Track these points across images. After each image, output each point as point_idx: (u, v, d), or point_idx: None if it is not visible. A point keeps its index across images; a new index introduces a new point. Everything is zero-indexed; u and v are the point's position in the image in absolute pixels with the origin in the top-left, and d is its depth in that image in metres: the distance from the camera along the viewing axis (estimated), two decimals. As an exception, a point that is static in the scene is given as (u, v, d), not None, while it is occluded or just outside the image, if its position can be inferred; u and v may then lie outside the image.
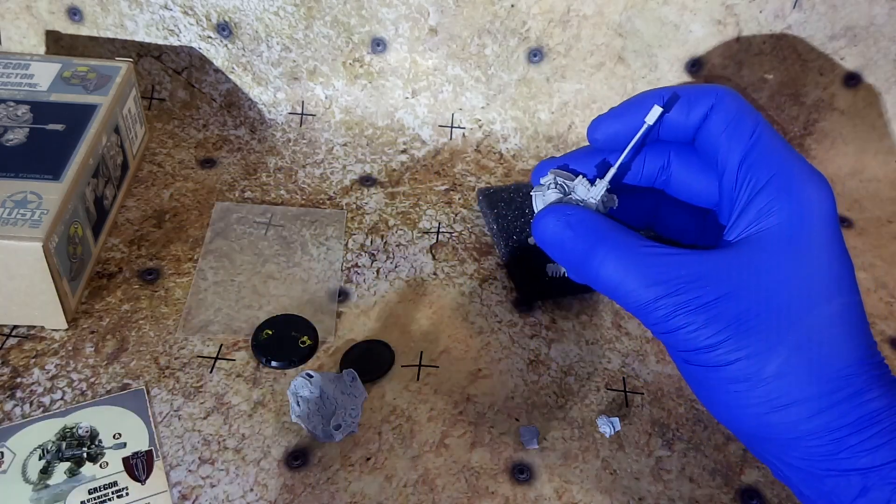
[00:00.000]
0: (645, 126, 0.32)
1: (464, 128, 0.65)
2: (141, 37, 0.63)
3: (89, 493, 0.41)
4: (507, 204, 0.58)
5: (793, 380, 0.27)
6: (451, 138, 0.65)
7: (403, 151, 0.64)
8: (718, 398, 0.29)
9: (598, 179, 0.33)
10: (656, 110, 0.32)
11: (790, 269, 0.28)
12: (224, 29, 0.62)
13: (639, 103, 0.32)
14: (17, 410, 0.44)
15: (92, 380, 0.45)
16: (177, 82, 0.65)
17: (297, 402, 0.44)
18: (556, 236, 0.31)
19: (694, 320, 0.28)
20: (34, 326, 0.48)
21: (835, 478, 0.28)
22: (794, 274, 0.28)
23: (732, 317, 0.28)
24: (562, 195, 0.33)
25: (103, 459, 0.42)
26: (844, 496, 0.28)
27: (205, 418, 0.44)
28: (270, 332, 0.48)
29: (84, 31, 0.63)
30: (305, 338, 0.48)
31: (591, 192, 0.33)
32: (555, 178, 0.34)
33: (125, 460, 0.42)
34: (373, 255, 0.55)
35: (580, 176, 0.34)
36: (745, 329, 0.27)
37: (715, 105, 0.31)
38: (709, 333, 0.28)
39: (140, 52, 0.64)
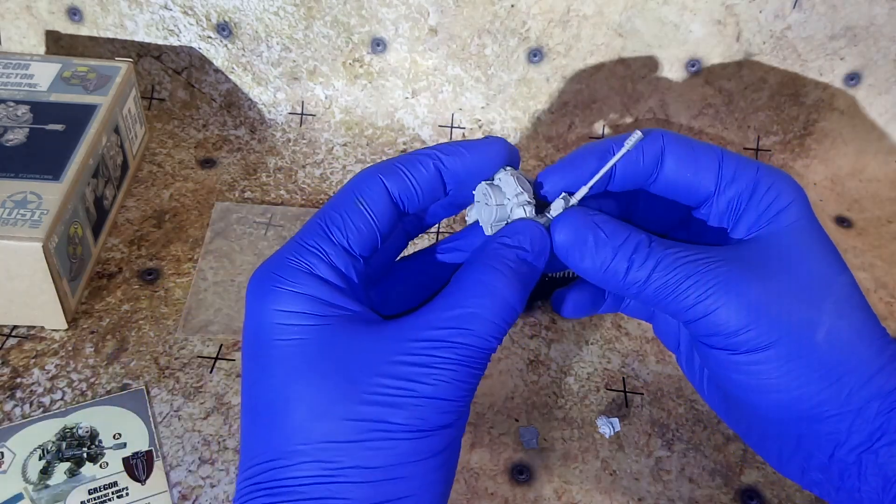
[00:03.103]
0: (624, 149, 0.30)
1: (464, 128, 0.65)
2: (141, 37, 0.63)
3: (89, 493, 0.41)
4: (506, 204, 0.58)
5: (844, 345, 0.28)
6: (451, 138, 0.65)
7: (403, 151, 0.64)
8: (768, 385, 0.28)
9: (558, 199, 0.31)
10: (637, 135, 0.30)
11: (813, 251, 0.29)
12: (224, 29, 0.62)
13: (585, 156, 0.31)
14: (17, 410, 0.44)
15: (92, 380, 0.45)
16: (177, 82, 0.65)
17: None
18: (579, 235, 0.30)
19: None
20: (34, 326, 0.48)
21: None
22: (820, 253, 0.29)
23: (769, 301, 0.28)
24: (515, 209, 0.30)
25: (103, 460, 0.42)
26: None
27: (205, 418, 0.44)
28: (270, 333, 0.48)
29: (84, 31, 0.63)
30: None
31: (551, 211, 0.31)
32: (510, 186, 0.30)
33: (125, 460, 0.42)
34: (373, 255, 0.55)
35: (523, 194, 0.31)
36: (784, 308, 0.28)
37: (666, 143, 0.30)
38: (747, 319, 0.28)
39: (140, 52, 0.64)
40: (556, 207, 0.30)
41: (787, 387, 0.28)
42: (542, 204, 0.31)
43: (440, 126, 0.65)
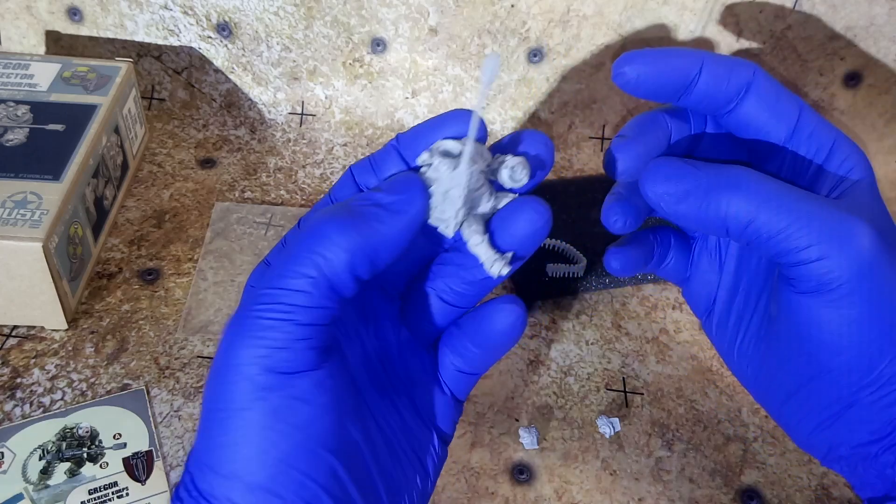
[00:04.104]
0: (484, 87, 0.26)
1: (464, 128, 0.65)
2: (141, 37, 0.63)
3: (89, 493, 0.41)
4: (507, 204, 0.58)
5: None
6: (451, 138, 0.65)
7: (403, 151, 0.64)
8: (846, 345, 0.28)
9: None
10: (491, 61, 0.25)
11: (887, 218, 0.29)
12: (224, 29, 0.62)
13: (649, 121, 0.30)
14: (17, 410, 0.44)
15: (92, 380, 0.45)
16: (177, 82, 0.65)
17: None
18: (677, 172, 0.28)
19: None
20: (34, 326, 0.48)
21: None
22: (892, 222, 0.29)
23: (878, 258, 0.27)
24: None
25: (103, 460, 0.42)
26: None
27: (205, 418, 0.44)
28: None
29: (84, 31, 0.63)
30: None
31: (455, 175, 0.26)
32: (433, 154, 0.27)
33: (125, 460, 0.42)
34: (373, 255, 0.55)
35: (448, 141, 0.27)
36: (890, 270, 0.27)
37: (756, 77, 0.29)
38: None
39: (140, 52, 0.64)
40: (463, 168, 0.27)
41: (867, 349, 0.27)
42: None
43: (440, 126, 0.65)
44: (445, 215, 0.27)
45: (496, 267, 0.28)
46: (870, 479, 0.29)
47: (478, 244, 0.28)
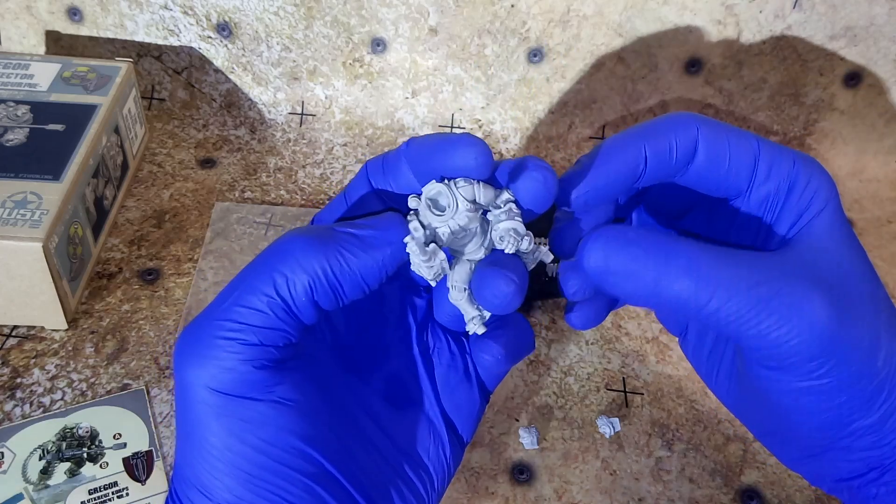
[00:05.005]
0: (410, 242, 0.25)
1: (464, 128, 0.65)
2: (141, 37, 0.63)
3: (89, 493, 0.41)
4: (507, 204, 0.58)
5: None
6: (451, 138, 0.65)
7: (403, 151, 0.64)
8: (817, 408, 0.27)
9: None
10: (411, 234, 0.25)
11: (854, 259, 0.27)
12: (224, 29, 0.62)
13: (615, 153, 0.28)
14: (17, 410, 0.44)
15: (92, 380, 0.45)
16: (177, 82, 0.65)
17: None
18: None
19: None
20: (34, 326, 0.48)
21: None
22: (858, 259, 0.27)
23: (841, 329, 0.26)
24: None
25: (103, 460, 0.42)
26: None
27: (205, 418, 0.44)
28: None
29: (84, 31, 0.63)
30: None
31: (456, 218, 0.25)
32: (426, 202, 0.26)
33: (125, 460, 0.42)
34: (373, 255, 0.55)
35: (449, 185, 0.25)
36: (854, 335, 0.26)
37: (700, 135, 0.27)
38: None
39: (140, 52, 0.63)
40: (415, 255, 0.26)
41: (838, 412, 0.26)
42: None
43: (440, 126, 0.65)
44: (423, 270, 0.26)
45: (471, 326, 0.27)
46: None
47: (458, 300, 0.27)
